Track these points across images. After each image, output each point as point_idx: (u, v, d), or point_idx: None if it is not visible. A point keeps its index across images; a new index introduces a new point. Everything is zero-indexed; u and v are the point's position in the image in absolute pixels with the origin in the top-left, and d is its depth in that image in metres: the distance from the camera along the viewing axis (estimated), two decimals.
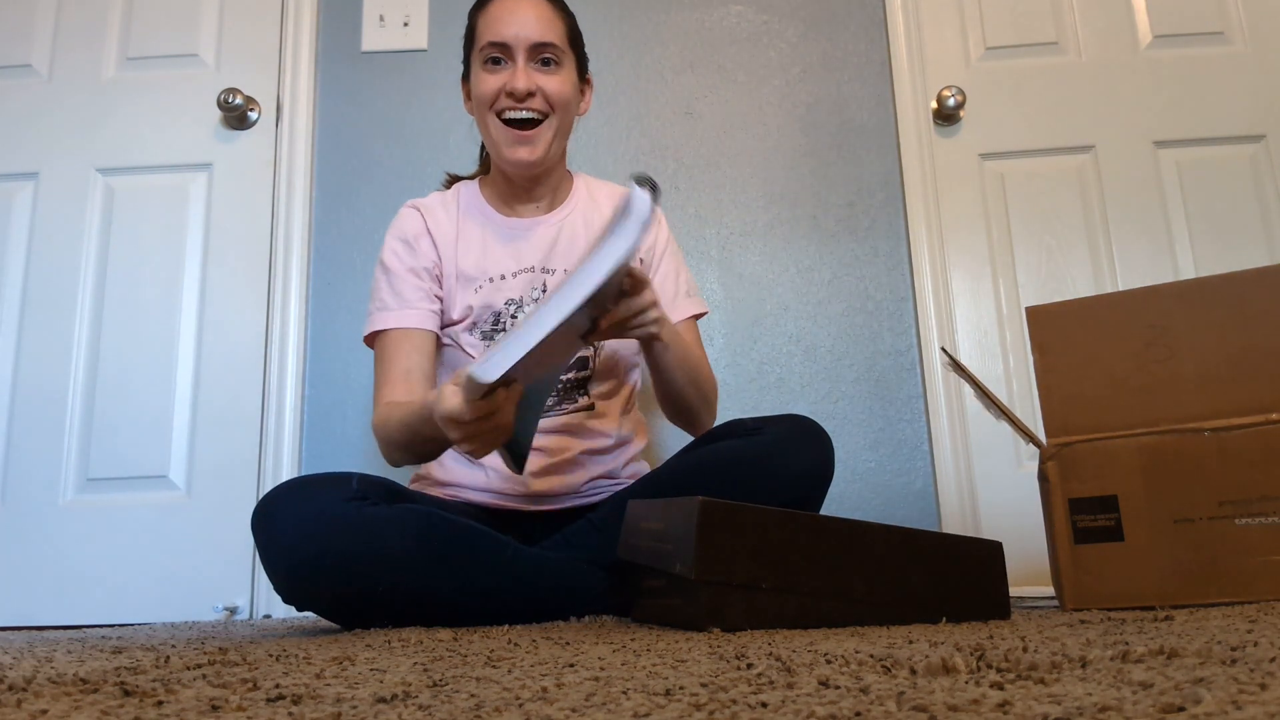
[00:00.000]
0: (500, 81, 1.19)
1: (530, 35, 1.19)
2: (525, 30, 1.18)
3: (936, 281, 1.77)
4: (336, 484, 1.03)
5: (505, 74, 1.19)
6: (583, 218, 1.29)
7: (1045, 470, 0.94)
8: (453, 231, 1.26)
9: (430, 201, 1.30)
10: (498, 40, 1.18)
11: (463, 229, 1.27)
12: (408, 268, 1.24)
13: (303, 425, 1.76)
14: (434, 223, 1.27)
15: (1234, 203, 1.78)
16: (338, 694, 0.45)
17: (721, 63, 1.89)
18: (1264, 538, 0.84)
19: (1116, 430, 0.91)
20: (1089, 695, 0.36)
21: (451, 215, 1.28)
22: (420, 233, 1.26)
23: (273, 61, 1.87)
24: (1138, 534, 0.88)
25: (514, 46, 1.18)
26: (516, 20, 1.19)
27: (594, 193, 1.34)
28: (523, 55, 1.19)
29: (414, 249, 1.25)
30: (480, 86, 1.20)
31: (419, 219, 1.27)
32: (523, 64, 1.19)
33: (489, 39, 1.19)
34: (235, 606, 1.65)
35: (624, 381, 1.28)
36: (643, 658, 0.58)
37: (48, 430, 1.73)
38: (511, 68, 1.19)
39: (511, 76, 1.18)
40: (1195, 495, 0.87)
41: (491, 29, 1.19)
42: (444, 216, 1.27)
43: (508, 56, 1.19)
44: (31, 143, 1.85)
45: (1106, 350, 0.93)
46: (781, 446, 1.11)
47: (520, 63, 1.19)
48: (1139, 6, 1.87)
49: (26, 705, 0.42)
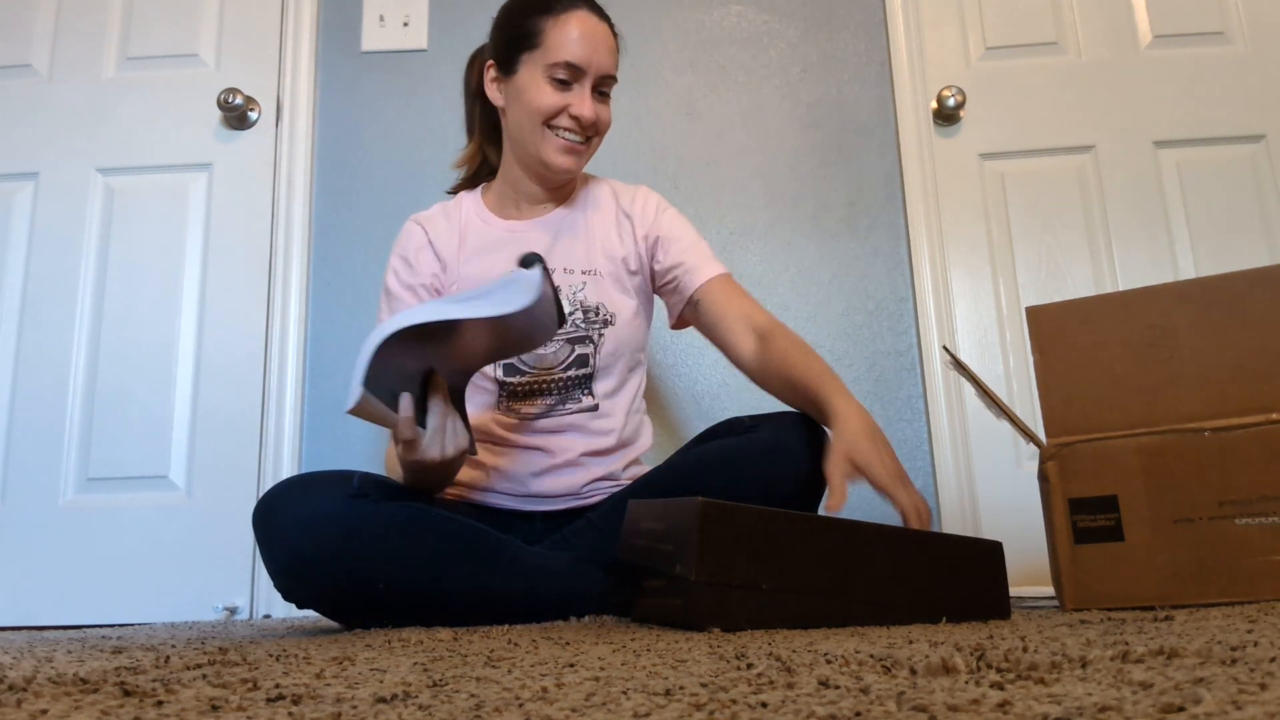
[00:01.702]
0: (564, 102, 1.19)
1: (604, 66, 1.20)
2: (600, 59, 1.19)
3: (936, 281, 1.77)
4: (338, 482, 1.03)
5: (570, 96, 1.19)
6: (580, 218, 1.29)
7: (1045, 470, 0.94)
8: (455, 240, 1.27)
9: (433, 213, 1.31)
10: (575, 63, 1.18)
11: (465, 239, 1.28)
12: (405, 285, 1.26)
13: (303, 425, 1.76)
14: (435, 234, 1.28)
15: (1234, 203, 1.78)
16: (338, 694, 0.45)
17: (721, 63, 1.89)
18: (1264, 538, 0.84)
19: (1117, 430, 0.91)
20: (1089, 695, 0.36)
21: (454, 224, 1.29)
22: (421, 246, 1.28)
23: (273, 61, 1.87)
24: (1138, 534, 0.88)
25: (588, 73, 1.19)
26: (593, 46, 1.19)
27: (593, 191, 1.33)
28: (590, 82, 1.19)
29: (414, 266, 1.27)
30: (542, 99, 1.19)
31: (420, 233, 1.29)
32: (589, 91, 1.19)
33: (565, 58, 1.18)
34: (235, 606, 1.65)
35: (628, 379, 1.27)
36: (643, 658, 0.58)
37: (48, 430, 1.73)
38: (578, 92, 1.19)
39: (578, 102, 1.19)
40: (1195, 495, 0.87)
41: (568, 49, 1.18)
42: (446, 226, 1.29)
43: (576, 80, 1.19)
44: (31, 143, 1.85)
45: (1107, 350, 0.93)
46: (778, 445, 1.11)
47: (587, 89, 1.19)
48: (1139, 6, 1.87)
49: (26, 705, 0.42)
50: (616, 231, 1.28)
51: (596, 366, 1.23)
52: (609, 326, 1.23)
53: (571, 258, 1.26)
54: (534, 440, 1.21)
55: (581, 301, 1.23)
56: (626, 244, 1.28)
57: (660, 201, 1.31)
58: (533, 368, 1.21)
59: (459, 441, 1.01)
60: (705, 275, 1.24)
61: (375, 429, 1.76)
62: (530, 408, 1.21)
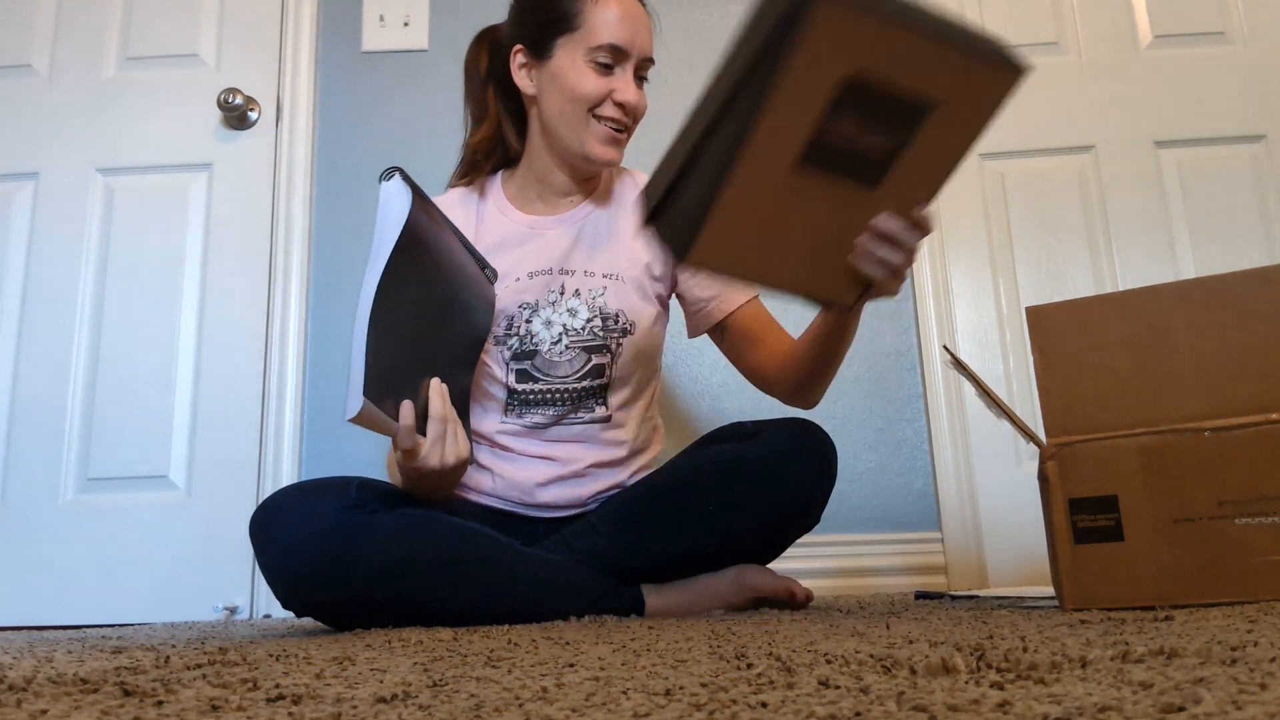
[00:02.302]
0: (608, 87, 1.14)
1: (646, 48, 1.16)
2: (643, 41, 1.15)
3: (936, 281, 1.77)
4: (336, 491, 1.01)
5: (613, 80, 1.14)
6: (605, 217, 1.24)
7: (1045, 470, 0.94)
8: (471, 230, 1.22)
9: (449, 200, 1.25)
10: (620, 45, 1.13)
11: (481, 230, 1.23)
12: None
13: (303, 425, 1.76)
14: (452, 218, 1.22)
15: (1234, 203, 1.78)
16: (338, 694, 0.45)
17: None
18: (1264, 538, 0.84)
19: (1117, 430, 0.91)
20: (1089, 695, 0.36)
21: (471, 213, 1.24)
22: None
23: (273, 61, 1.87)
24: (1138, 534, 0.88)
25: (632, 56, 1.14)
26: (637, 28, 1.14)
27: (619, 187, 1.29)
28: (633, 66, 1.15)
29: None
30: (585, 83, 1.13)
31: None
32: (631, 75, 1.15)
33: (609, 40, 1.12)
34: (235, 606, 1.65)
35: (644, 388, 1.23)
36: (643, 658, 0.58)
37: (48, 430, 1.73)
38: (621, 76, 1.14)
39: (623, 87, 1.14)
40: (1195, 495, 0.87)
41: (612, 30, 1.13)
42: (463, 214, 1.23)
43: (619, 63, 1.14)
44: (31, 143, 1.85)
45: (1107, 350, 0.93)
46: (780, 452, 1.09)
47: (629, 73, 1.15)
48: (1139, 6, 1.87)
49: (26, 705, 0.42)
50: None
51: (613, 377, 1.18)
52: (628, 335, 1.17)
53: (594, 260, 1.20)
54: (541, 449, 1.17)
55: (601, 308, 1.17)
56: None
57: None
58: (546, 375, 1.17)
59: (459, 449, 1.00)
60: (736, 302, 1.21)
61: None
62: (539, 416, 1.17)
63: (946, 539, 1.69)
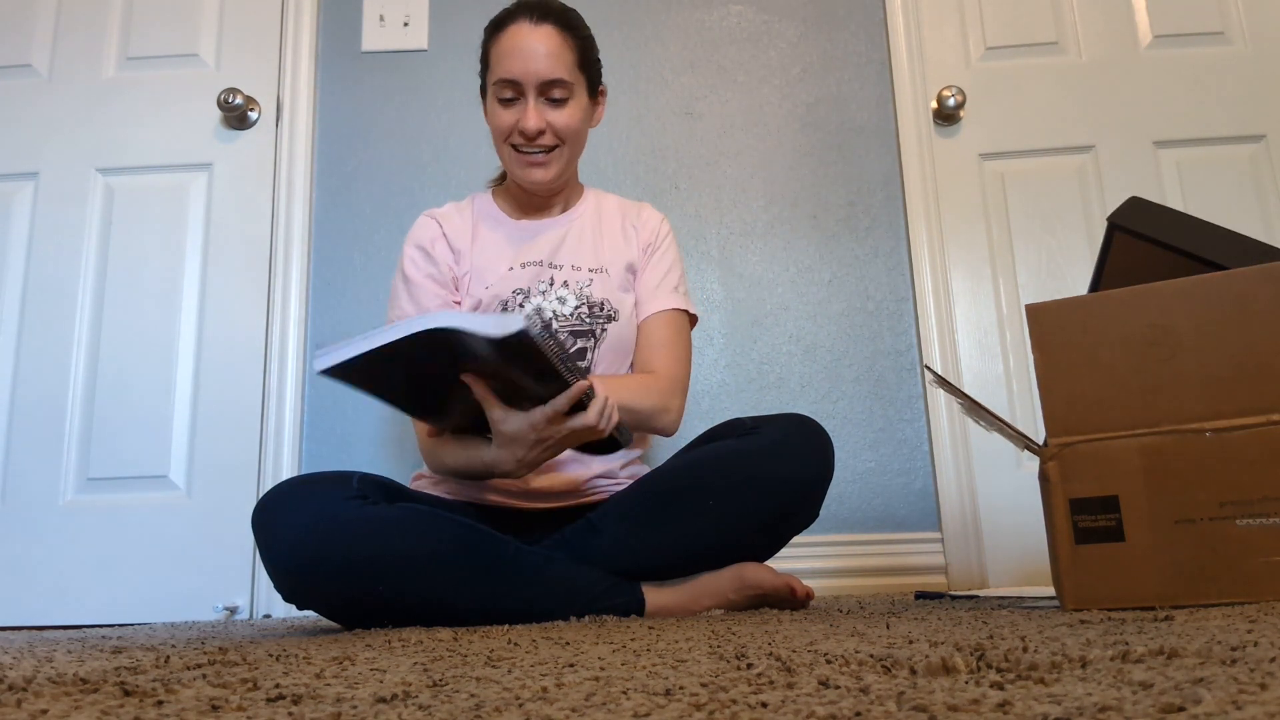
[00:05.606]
0: (513, 118, 1.22)
1: (540, 73, 1.20)
2: (535, 66, 1.20)
3: (936, 281, 1.77)
4: (337, 483, 1.03)
5: (517, 111, 1.22)
6: (591, 222, 1.34)
7: (1046, 470, 0.94)
8: (468, 233, 1.31)
9: (446, 210, 1.34)
10: (509, 78, 1.21)
11: (477, 232, 1.31)
12: (426, 274, 1.28)
13: (303, 425, 1.76)
14: (450, 228, 1.31)
15: (1234, 203, 1.78)
16: (338, 694, 0.44)
17: (721, 63, 1.89)
18: (1265, 538, 0.84)
19: (1118, 430, 0.91)
20: (1089, 695, 0.36)
21: (466, 219, 1.33)
22: (436, 237, 1.30)
23: (273, 61, 1.87)
24: (1139, 534, 0.88)
25: (524, 84, 1.20)
26: (527, 56, 1.20)
27: (602, 202, 1.38)
28: (533, 93, 1.21)
29: (431, 256, 1.28)
30: (495, 119, 1.24)
31: (434, 225, 1.31)
32: (533, 102, 1.21)
33: (501, 75, 1.21)
34: (235, 606, 1.65)
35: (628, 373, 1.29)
36: (643, 658, 0.58)
37: (48, 430, 1.73)
38: (523, 104, 1.21)
39: (523, 115, 1.21)
40: (1196, 496, 0.87)
41: (503, 64, 1.21)
42: (459, 221, 1.32)
43: (519, 93, 1.21)
44: (31, 143, 1.85)
45: (1107, 349, 0.93)
46: (778, 447, 1.11)
47: (531, 101, 1.21)
48: (1139, 6, 1.87)
49: (26, 705, 0.42)
50: (623, 237, 1.33)
51: (595, 360, 1.25)
52: (612, 322, 1.26)
53: (580, 255, 1.29)
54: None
55: (588, 297, 1.26)
56: (632, 249, 1.32)
57: (664, 222, 1.36)
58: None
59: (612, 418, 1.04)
60: (644, 313, 1.29)
61: (377, 428, 1.76)
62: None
63: (946, 539, 1.69)
